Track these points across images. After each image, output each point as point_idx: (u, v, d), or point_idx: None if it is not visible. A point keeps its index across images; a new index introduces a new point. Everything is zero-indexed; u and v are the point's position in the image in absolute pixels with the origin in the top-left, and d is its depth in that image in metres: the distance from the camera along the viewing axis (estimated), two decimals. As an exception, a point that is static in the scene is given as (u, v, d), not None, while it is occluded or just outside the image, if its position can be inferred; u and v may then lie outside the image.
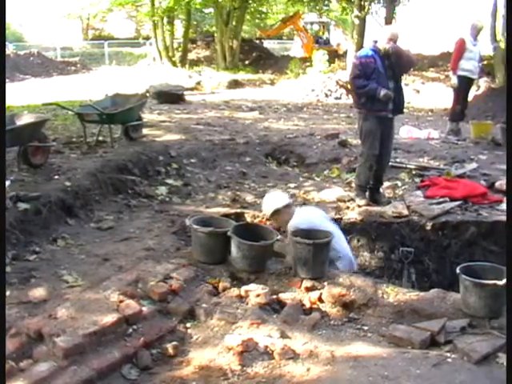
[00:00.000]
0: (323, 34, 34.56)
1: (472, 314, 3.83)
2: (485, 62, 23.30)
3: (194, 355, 3.44)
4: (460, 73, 10.00)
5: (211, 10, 29.20)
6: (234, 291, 4.15)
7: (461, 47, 9.96)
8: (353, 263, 5.20)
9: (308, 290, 4.29)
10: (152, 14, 25.61)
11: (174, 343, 3.55)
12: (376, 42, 6.25)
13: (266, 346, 3.36)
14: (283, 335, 3.53)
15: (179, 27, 32.89)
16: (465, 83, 10.17)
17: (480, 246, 5.93)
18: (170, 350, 3.49)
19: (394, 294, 4.19)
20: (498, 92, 16.61)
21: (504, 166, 8.16)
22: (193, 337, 3.67)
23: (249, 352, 3.31)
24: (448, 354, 3.39)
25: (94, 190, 6.14)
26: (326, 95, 17.73)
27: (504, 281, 3.76)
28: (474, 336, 3.57)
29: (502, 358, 3.34)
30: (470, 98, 10.70)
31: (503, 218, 6.16)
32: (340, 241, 5.08)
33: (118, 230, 5.44)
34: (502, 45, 22.26)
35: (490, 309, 3.80)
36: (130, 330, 3.55)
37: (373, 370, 3.12)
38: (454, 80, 10.21)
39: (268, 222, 5.71)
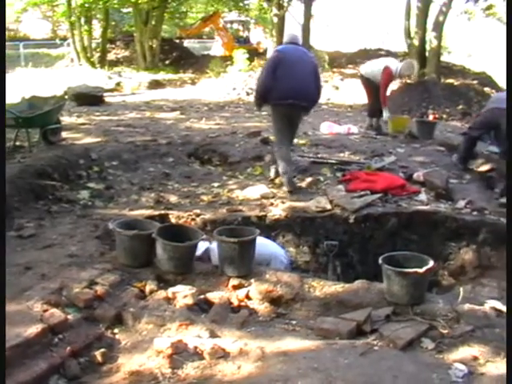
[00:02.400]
0: (243, 32, 34.74)
1: (395, 301, 3.94)
2: (400, 58, 24.11)
3: (123, 361, 3.39)
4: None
5: (130, 9, 28.70)
6: (161, 293, 4.11)
7: (390, 78, 10.08)
8: (284, 263, 5.27)
9: (235, 288, 4.30)
10: (69, 14, 24.92)
11: (103, 350, 3.47)
12: None
13: (196, 347, 3.35)
14: (213, 335, 3.53)
15: (97, 27, 32.18)
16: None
17: (401, 236, 6.11)
18: (99, 358, 3.41)
19: (320, 287, 4.26)
20: (413, 87, 17.16)
21: (420, 158, 8.49)
22: (121, 342, 3.61)
23: (179, 354, 3.28)
24: (374, 342, 3.48)
25: (13, 196, 5.92)
26: (248, 93, 17.82)
27: (424, 268, 3.91)
28: (398, 323, 3.69)
29: (426, 343, 3.48)
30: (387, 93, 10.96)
31: (421, 207, 6.40)
32: (266, 247, 5.15)
33: (40, 237, 5.27)
34: (416, 42, 23.05)
35: (412, 296, 3.92)
36: (56, 340, 3.45)
37: (303, 363, 3.16)
38: (387, 113, 10.40)
39: (193, 222, 5.69)
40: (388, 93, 10.90)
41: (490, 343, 3.45)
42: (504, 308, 3.96)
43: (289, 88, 6.80)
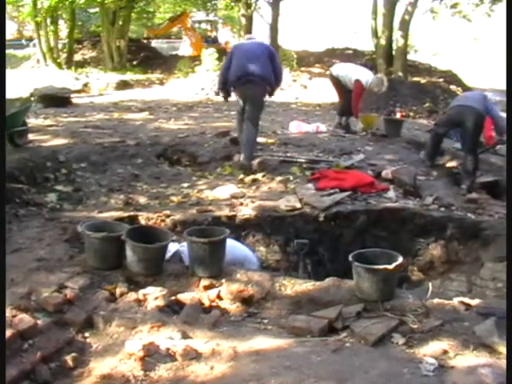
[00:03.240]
0: (211, 32, 34.67)
1: (366, 298, 3.97)
2: (367, 57, 24.36)
3: (94, 365, 3.35)
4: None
5: (97, 9, 28.39)
6: (132, 296, 4.07)
7: (361, 92, 10.17)
8: (256, 264, 5.28)
9: (206, 288, 4.29)
10: (34, 14, 24.54)
11: (74, 354, 3.42)
12: None
13: (168, 349, 3.33)
14: (184, 336, 3.51)
15: (64, 27, 31.76)
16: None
17: (370, 233, 6.17)
18: (70, 362, 3.36)
19: (291, 285, 4.27)
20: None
21: (388, 156, 8.58)
22: (92, 346, 3.57)
23: (151, 356, 3.26)
24: (346, 339, 3.50)
25: (-22, 200, 5.83)
26: (216, 93, 17.81)
27: (394, 264, 3.95)
28: (369, 319, 3.71)
29: (396, 338, 3.50)
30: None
31: (390, 204, 6.46)
32: (238, 249, 5.16)
33: (8, 241, 5.17)
34: (383, 41, 23.29)
35: (382, 292, 3.96)
36: (26, 346, 3.38)
37: (275, 362, 3.16)
38: (360, 124, 10.61)
39: (163, 224, 5.66)
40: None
41: (459, 337, 3.50)
42: (472, 302, 4.04)
43: (239, 70, 7.88)
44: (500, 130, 8.42)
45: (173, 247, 4.81)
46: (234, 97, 8.68)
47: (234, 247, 5.00)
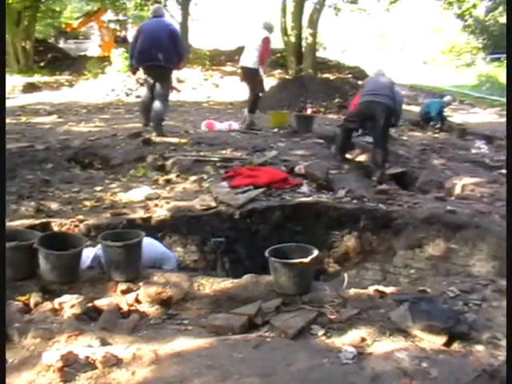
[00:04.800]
0: (121, 32, 34.04)
1: (284, 292, 4.02)
2: (278, 55, 24.68)
3: (11, 380, 3.21)
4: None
5: (0, 8, 27.17)
6: (47, 305, 3.94)
7: (269, 45, 10.41)
8: (173, 260, 5.25)
9: (124, 292, 4.22)
10: None
11: (-13, 371, 3.30)
12: None
13: (88, 357, 3.24)
14: (104, 343, 3.43)
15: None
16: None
17: (286, 228, 6.24)
18: (-17, 380, 3.24)
19: (210, 284, 4.27)
20: (291, 83, 17.60)
21: (301, 152, 8.72)
22: (8, 360, 3.44)
23: (70, 366, 3.15)
24: (267, 334, 3.53)
25: None
26: (127, 94, 17.60)
27: (309, 258, 4.02)
28: (288, 313, 3.76)
29: (315, 330, 3.57)
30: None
31: (304, 199, 6.57)
32: (156, 247, 5.11)
33: None
34: (292, 39, 23.65)
35: (300, 286, 4.02)
36: None
37: (197, 362, 3.15)
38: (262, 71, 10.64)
39: (76, 229, 5.53)
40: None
41: (376, 324, 3.61)
42: (386, 289, 4.18)
43: (144, 54, 8.90)
44: (396, 119, 9.03)
45: (90, 252, 4.70)
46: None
47: (151, 245, 4.95)
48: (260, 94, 10.82)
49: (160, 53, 8.81)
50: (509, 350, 2.76)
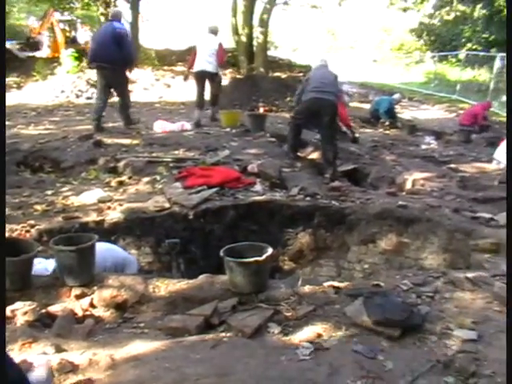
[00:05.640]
0: (70, 32, 33.41)
1: (240, 291, 4.02)
2: (230, 55, 24.70)
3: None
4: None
5: None
6: (-1, 313, 3.87)
7: (223, 48, 11.02)
8: (135, 264, 5.19)
9: (78, 297, 4.15)
10: None
11: None
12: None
13: (42, 364, 3.19)
14: (58, 349, 3.37)
15: None
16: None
17: (241, 228, 6.25)
18: None
19: (165, 286, 4.23)
20: (242, 82, 17.60)
21: (253, 150, 8.73)
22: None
23: (24, 374, 3.11)
24: (223, 334, 3.52)
25: None
26: (77, 96, 17.33)
27: (264, 256, 4.02)
28: (244, 312, 3.76)
29: (272, 328, 3.58)
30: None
31: (258, 198, 6.58)
32: (115, 252, 5.04)
33: None
34: (243, 38, 23.66)
35: (255, 284, 4.03)
36: None
37: (155, 365, 3.12)
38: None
39: (28, 234, 5.41)
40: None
41: (332, 319, 3.65)
42: (341, 285, 4.22)
43: (95, 57, 9.49)
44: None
45: (50, 265, 4.60)
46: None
47: (113, 250, 4.90)
48: (219, 94, 11.61)
49: (107, 57, 9.29)
50: (509, 350, 2.81)
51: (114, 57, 9.25)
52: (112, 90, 10.00)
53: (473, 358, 3.19)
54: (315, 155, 9.25)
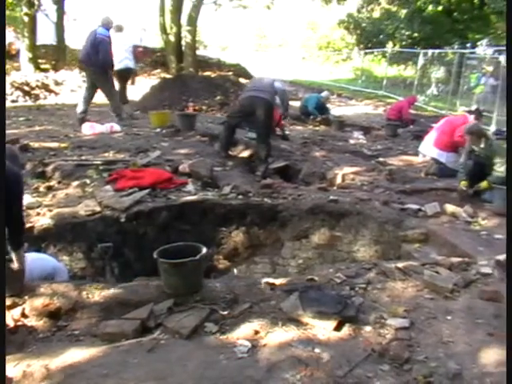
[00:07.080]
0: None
1: (175, 293, 4.00)
2: (158, 54, 24.46)
3: None
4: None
5: None
6: None
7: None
8: (65, 272, 5.07)
9: (9, 308, 4.02)
10: None
11: None
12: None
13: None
14: (-11, 362, 3.28)
15: None
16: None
17: (174, 228, 6.20)
18: None
19: (99, 291, 4.15)
20: (171, 82, 17.45)
21: (184, 150, 8.71)
22: None
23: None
24: (161, 336, 3.52)
25: None
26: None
27: (198, 256, 4.02)
28: (180, 313, 3.75)
29: (209, 327, 3.60)
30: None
31: (190, 198, 6.56)
32: (44, 261, 4.92)
33: None
34: (171, 37, 23.48)
35: (190, 284, 4.02)
36: None
37: (92, 373, 3.08)
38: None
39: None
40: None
41: (268, 315, 3.70)
42: (276, 281, 4.27)
43: (81, 55, 10.87)
44: (284, 110, 10.04)
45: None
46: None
47: (41, 259, 4.78)
48: None
49: (87, 57, 10.53)
50: (509, 350, 2.87)
51: (93, 60, 10.43)
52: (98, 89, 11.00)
53: (406, 344, 3.30)
54: (246, 153, 9.29)
